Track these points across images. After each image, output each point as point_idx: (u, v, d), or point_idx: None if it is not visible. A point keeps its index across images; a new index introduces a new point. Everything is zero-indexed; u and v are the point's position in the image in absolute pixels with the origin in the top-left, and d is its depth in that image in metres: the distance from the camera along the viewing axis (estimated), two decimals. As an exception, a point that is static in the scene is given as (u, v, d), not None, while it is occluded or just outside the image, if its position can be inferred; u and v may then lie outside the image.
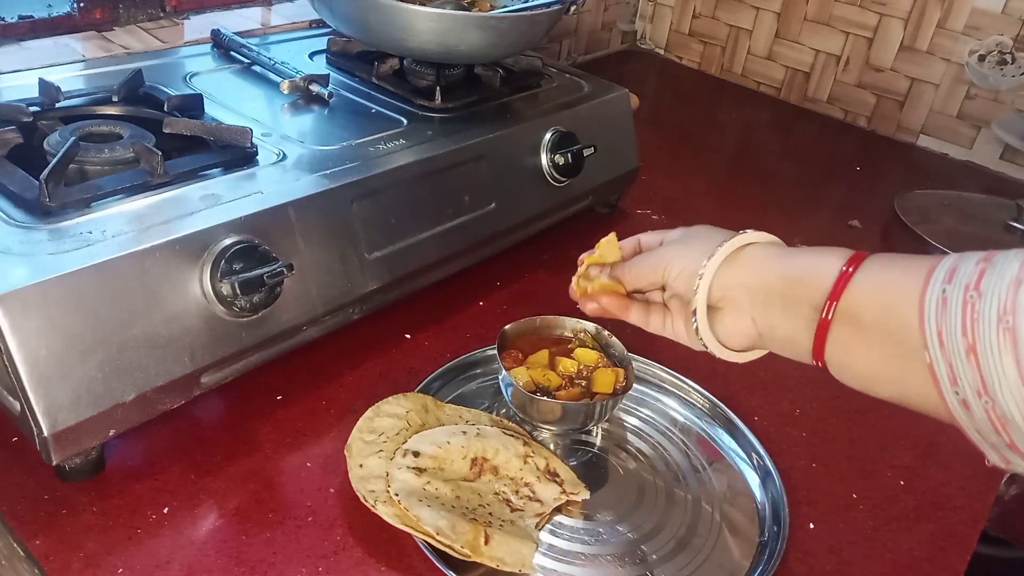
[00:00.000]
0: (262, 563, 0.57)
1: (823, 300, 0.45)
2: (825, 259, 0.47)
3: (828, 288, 0.45)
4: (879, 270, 0.44)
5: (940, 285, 0.40)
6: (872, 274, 0.44)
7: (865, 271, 0.45)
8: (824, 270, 0.46)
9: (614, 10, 1.70)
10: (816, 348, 0.46)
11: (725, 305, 0.52)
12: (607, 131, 1.02)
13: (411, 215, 0.78)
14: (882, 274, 0.44)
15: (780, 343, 0.50)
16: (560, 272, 0.96)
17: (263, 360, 0.68)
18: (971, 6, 1.37)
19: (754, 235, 0.52)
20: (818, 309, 0.45)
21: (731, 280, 0.51)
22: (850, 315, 0.44)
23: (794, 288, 0.48)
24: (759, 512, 0.66)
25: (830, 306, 0.45)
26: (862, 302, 0.44)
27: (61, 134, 0.69)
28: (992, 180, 1.41)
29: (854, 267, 0.45)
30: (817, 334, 0.46)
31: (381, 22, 0.86)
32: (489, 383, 0.76)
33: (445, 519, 0.57)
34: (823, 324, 0.45)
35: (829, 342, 0.46)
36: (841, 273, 0.45)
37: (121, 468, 0.63)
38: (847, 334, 0.45)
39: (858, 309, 0.44)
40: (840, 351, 0.45)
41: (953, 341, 0.39)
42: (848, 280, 0.45)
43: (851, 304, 0.44)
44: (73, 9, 0.98)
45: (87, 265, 0.56)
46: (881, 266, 0.44)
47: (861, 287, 0.44)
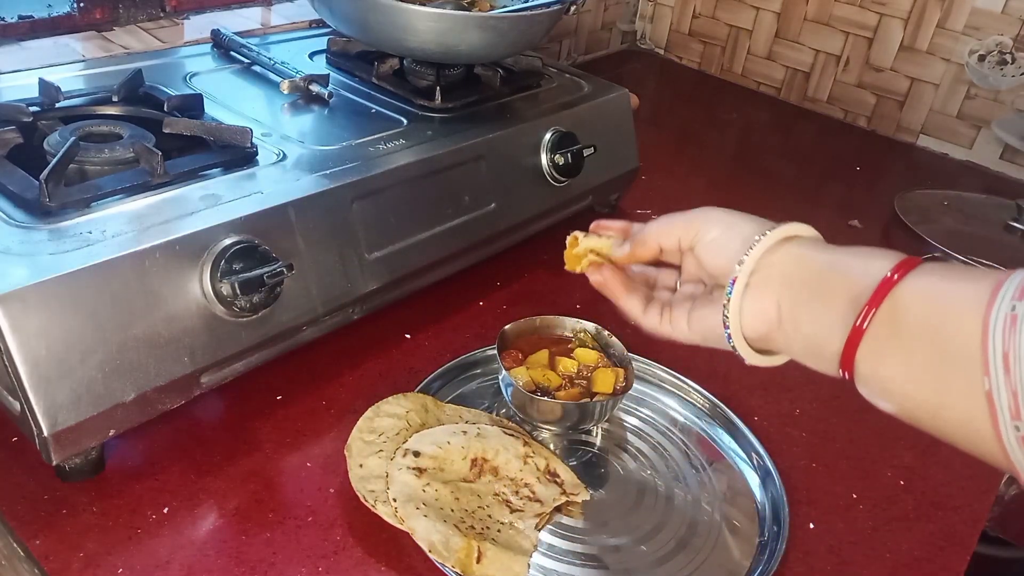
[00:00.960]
0: (262, 563, 0.57)
1: (862, 300, 0.41)
2: (871, 260, 0.42)
3: (869, 291, 0.41)
4: (932, 279, 0.40)
5: (1009, 302, 0.35)
6: (923, 282, 0.40)
7: (915, 278, 0.40)
8: (869, 271, 0.41)
9: (614, 10, 1.70)
10: (846, 353, 0.41)
11: (752, 282, 0.47)
12: (607, 131, 1.02)
13: (411, 215, 0.78)
14: (936, 284, 0.39)
15: (803, 340, 0.45)
16: (560, 272, 0.97)
17: (263, 360, 0.68)
18: (971, 6, 1.37)
19: (800, 227, 0.48)
20: (856, 307, 0.41)
21: (768, 260, 0.46)
22: (892, 323, 0.40)
23: (832, 282, 0.43)
24: (759, 512, 0.66)
25: (868, 312, 0.40)
26: (909, 311, 0.39)
27: (61, 134, 0.69)
28: (992, 180, 1.41)
29: (900, 274, 0.40)
30: (849, 339, 0.41)
31: (381, 22, 0.86)
32: (489, 383, 0.76)
33: (439, 532, 0.56)
34: (856, 331, 0.41)
35: (862, 349, 0.41)
36: (884, 280, 0.40)
37: (121, 468, 0.63)
38: (885, 343, 0.40)
39: (902, 317, 0.39)
40: (873, 360, 0.41)
41: (1022, 367, 0.34)
42: (891, 287, 0.40)
43: (895, 311, 0.40)
44: (73, 9, 0.98)
45: (87, 265, 0.56)
46: (935, 275, 0.40)
47: (910, 294, 0.39)
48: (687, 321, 0.51)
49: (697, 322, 0.51)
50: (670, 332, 0.53)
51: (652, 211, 1.12)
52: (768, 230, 0.47)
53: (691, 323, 0.51)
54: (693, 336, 0.51)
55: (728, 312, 0.47)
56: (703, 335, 0.51)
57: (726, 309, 0.47)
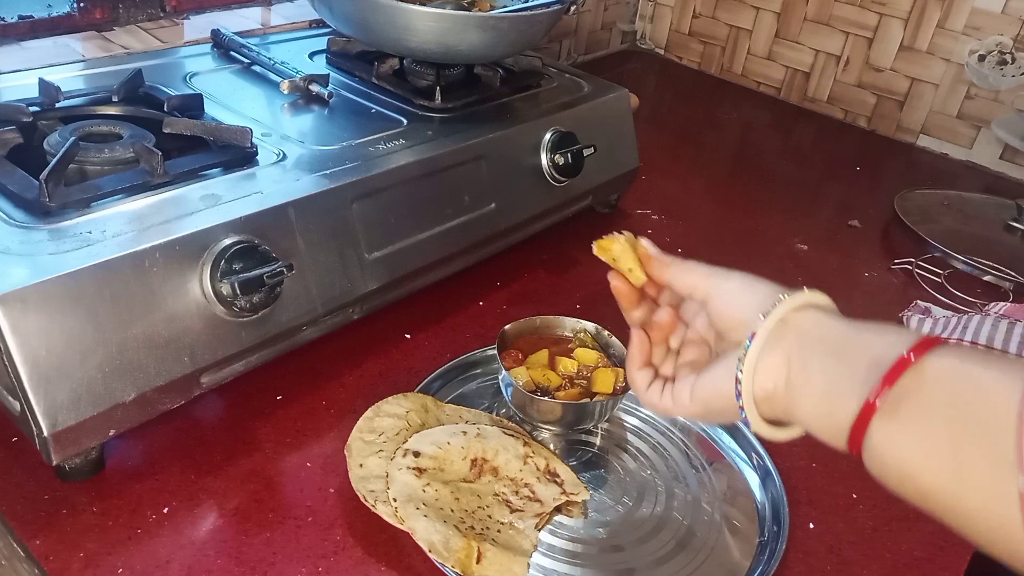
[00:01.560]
0: (262, 563, 0.57)
1: (879, 372, 0.39)
2: (890, 335, 0.40)
3: (887, 364, 0.39)
4: (953, 361, 0.38)
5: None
6: (945, 364, 0.38)
7: (935, 359, 0.38)
8: (890, 343, 0.40)
9: (614, 10, 1.70)
10: (858, 424, 0.39)
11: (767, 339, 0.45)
12: (607, 131, 1.02)
13: (411, 215, 0.78)
14: (958, 367, 0.37)
15: (814, 396, 0.42)
16: (560, 272, 0.97)
17: (263, 360, 0.68)
18: (971, 6, 1.37)
19: (820, 296, 0.46)
20: (874, 372, 0.39)
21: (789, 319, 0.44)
22: (909, 401, 0.38)
23: (851, 344, 0.42)
24: (759, 512, 0.66)
25: (881, 389, 0.38)
26: (930, 392, 0.37)
27: (61, 134, 0.69)
28: (992, 180, 1.41)
29: (917, 355, 0.38)
30: (862, 412, 0.39)
31: (381, 22, 0.86)
32: (489, 383, 0.76)
33: (439, 533, 0.56)
34: (869, 406, 0.39)
35: (875, 423, 0.39)
36: (900, 359, 0.38)
37: (121, 468, 0.63)
38: (900, 422, 0.38)
39: (922, 397, 0.37)
40: (886, 437, 0.38)
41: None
42: (905, 367, 0.38)
43: (913, 390, 0.38)
44: (73, 9, 0.98)
45: (87, 265, 0.56)
46: (956, 357, 0.38)
47: (931, 376, 0.38)
48: (689, 392, 0.49)
49: (703, 389, 0.48)
50: (670, 407, 0.50)
51: (652, 211, 1.13)
52: (787, 293, 0.45)
53: (694, 391, 0.48)
54: (694, 407, 0.49)
55: (743, 366, 0.44)
56: (707, 404, 0.48)
57: (741, 363, 0.44)
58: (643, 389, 0.52)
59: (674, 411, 0.50)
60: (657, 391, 0.51)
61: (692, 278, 0.50)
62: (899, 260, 1.07)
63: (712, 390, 0.47)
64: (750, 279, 0.48)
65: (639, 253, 0.53)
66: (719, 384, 0.46)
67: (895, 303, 0.98)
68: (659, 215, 1.12)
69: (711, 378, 0.47)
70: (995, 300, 0.97)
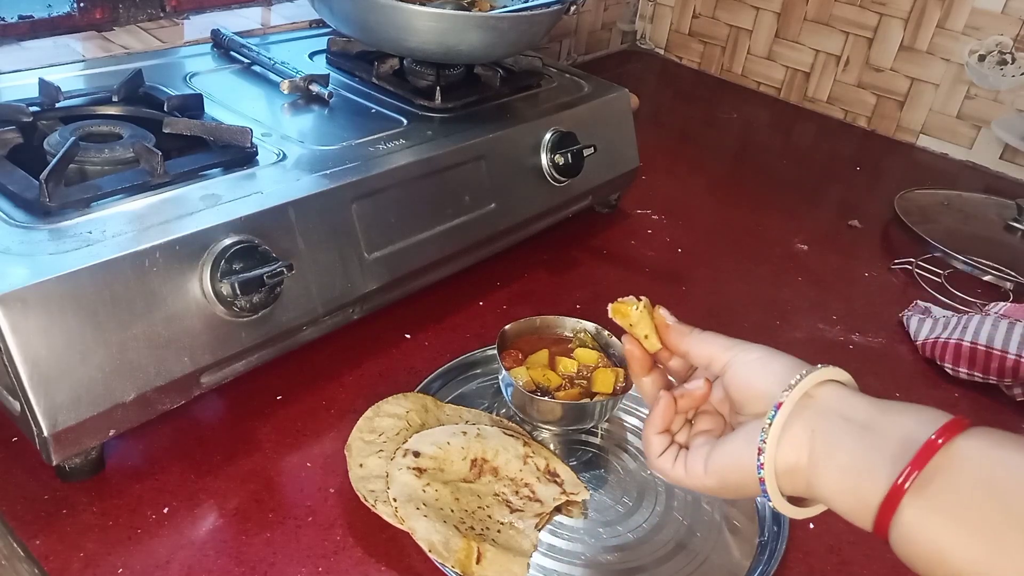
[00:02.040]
0: (262, 563, 0.57)
1: (909, 453, 0.38)
2: (919, 414, 0.40)
3: (917, 445, 0.38)
4: (985, 443, 0.37)
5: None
6: (978, 444, 0.37)
7: (969, 439, 0.38)
8: (916, 425, 0.39)
9: (614, 10, 1.70)
10: (886, 505, 0.38)
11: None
12: (607, 131, 1.02)
13: (411, 215, 0.78)
14: (991, 451, 0.37)
15: (838, 473, 0.41)
16: (560, 272, 0.97)
17: (263, 360, 0.68)
18: (971, 6, 1.37)
19: (842, 373, 0.45)
20: (905, 452, 0.38)
21: (813, 393, 0.44)
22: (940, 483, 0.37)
23: (880, 421, 0.41)
24: (759, 512, 0.66)
25: (910, 473, 0.38)
26: (962, 474, 0.37)
27: (61, 134, 0.69)
28: (992, 180, 1.41)
29: (946, 438, 0.38)
30: (891, 494, 0.38)
31: (381, 22, 0.86)
32: (489, 383, 0.76)
33: (439, 533, 0.56)
34: (897, 488, 0.38)
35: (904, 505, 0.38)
36: (928, 442, 0.38)
37: (121, 468, 0.63)
38: (932, 504, 0.37)
39: (954, 479, 0.37)
40: (917, 519, 0.38)
41: None
42: (935, 450, 0.38)
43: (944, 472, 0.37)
44: (73, 9, 0.98)
45: (87, 265, 0.56)
46: (988, 439, 0.37)
47: (962, 459, 0.37)
48: (704, 463, 0.47)
49: (718, 462, 0.46)
50: (682, 476, 0.49)
51: (652, 211, 1.13)
52: (810, 370, 0.44)
53: (710, 462, 0.47)
54: (708, 480, 0.47)
55: (767, 436, 0.43)
56: (722, 477, 0.46)
57: (765, 433, 0.43)
58: (656, 455, 0.50)
59: (686, 481, 0.49)
60: (670, 459, 0.50)
61: (711, 349, 0.49)
62: (899, 260, 1.07)
63: (730, 462, 0.46)
64: (771, 352, 0.47)
65: (656, 321, 0.52)
66: (737, 456, 0.45)
67: (895, 303, 0.98)
68: (659, 215, 1.12)
69: (729, 450, 0.46)
70: (995, 300, 0.97)
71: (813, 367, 0.44)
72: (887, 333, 0.92)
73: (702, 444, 0.48)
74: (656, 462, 0.50)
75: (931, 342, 0.87)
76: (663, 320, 0.52)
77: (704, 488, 0.48)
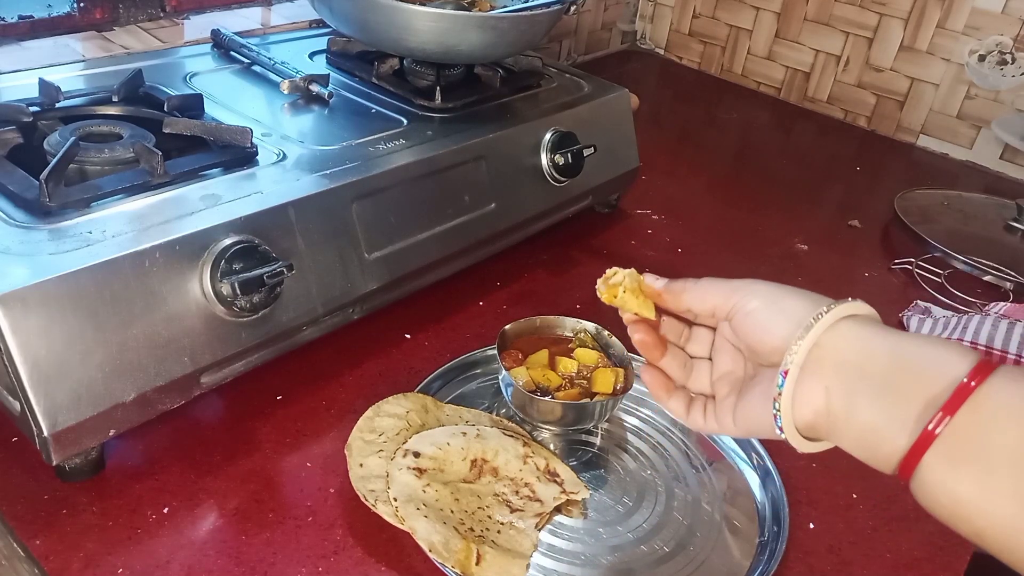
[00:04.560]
0: (262, 563, 0.57)
1: (937, 403, 0.37)
2: (944, 357, 0.38)
3: (945, 393, 0.37)
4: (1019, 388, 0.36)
5: None
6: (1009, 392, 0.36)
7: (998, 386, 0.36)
8: (943, 371, 0.37)
9: (614, 10, 1.70)
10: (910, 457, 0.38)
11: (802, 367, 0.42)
12: (607, 131, 1.02)
13: (411, 215, 0.78)
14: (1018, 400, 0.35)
15: (858, 430, 0.40)
16: (560, 272, 0.97)
17: (263, 360, 0.68)
18: (971, 6, 1.37)
19: (858, 306, 0.43)
20: (929, 408, 0.37)
21: (824, 342, 0.42)
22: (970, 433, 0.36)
23: (902, 372, 0.39)
24: (759, 512, 0.66)
25: (942, 418, 0.36)
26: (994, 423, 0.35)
27: (61, 134, 0.69)
28: (992, 180, 1.42)
29: (978, 381, 0.36)
30: (917, 443, 0.37)
31: (381, 22, 0.86)
32: (489, 383, 0.76)
33: (439, 534, 0.56)
34: (927, 435, 0.37)
35: (929, 456, 0.37)
36: (961, 386, 0.36)
37: (121, 468, 0.63)
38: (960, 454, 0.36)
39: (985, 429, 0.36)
40: (943, 470, 0.37)
41: None
42: (969, 393, 0.36)
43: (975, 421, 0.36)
44: (73, 9, 0.98)
45: (87, 265, 0.56)
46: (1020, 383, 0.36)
47: (995, 406, 0.36)
48: (731, 418, 0.47)
49: (743, 417, 0.46)
50: (717, 429, 0.49)
51: (652, 211, 1.13)
52: (823, 308, 0.42)
53: (736, 419, 0.47)
54: (739, 431, 0.47)
55: (779, 405, 0.42)
56: (749, 429, 0.46)
57: (777, 402, 0.42)
58: (684, 415, 0.50)
59: (721, 432, 0.49)
60: (700, 413, 0.49)
61: (712, 298, 0.47)
62: (899, 260, 1.07)
63: (754, 419, 0.45)
64: (775, 295, 0.45)
65: (646, 290, 0.51)
66: (757, 414, 0.45)
67: (895, 303, 0.98)
68: (659, 215, 1.12)
69: (751, 408, 0.46)
70: (995, 300, 0.97)
71: (816, 318, 0.41)
72: (887, 333, 0.92)
73: (727, 395, 0.48)
74: (689, 421, 0.50)
75: (931, 342, 0.87)
76: (652, 288, 0.50)
77: (739, 435, 0.48)
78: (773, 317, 0.44)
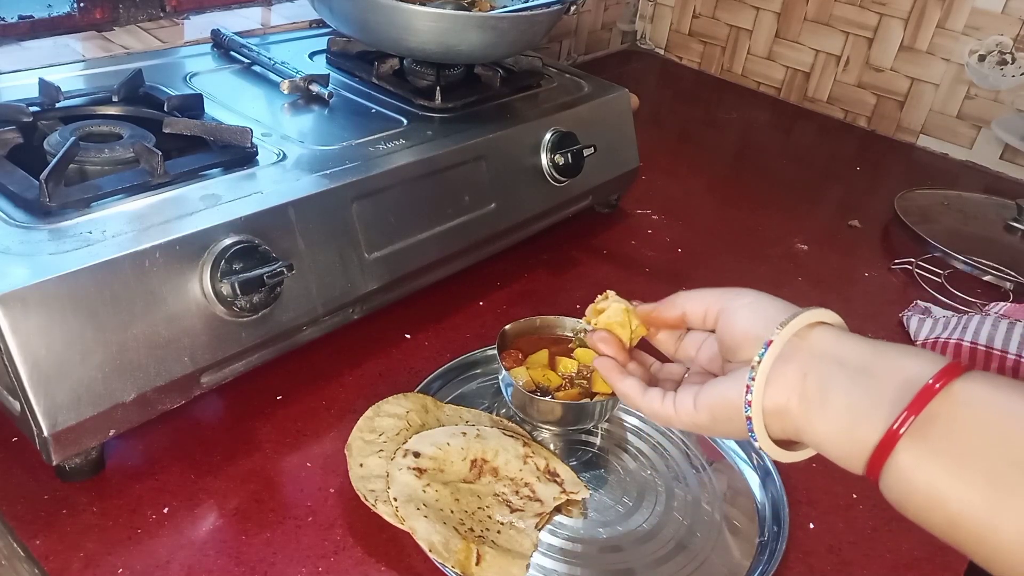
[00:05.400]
0: (262, 563, 0.57)
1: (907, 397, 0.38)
2: (916, 358, 0.40)
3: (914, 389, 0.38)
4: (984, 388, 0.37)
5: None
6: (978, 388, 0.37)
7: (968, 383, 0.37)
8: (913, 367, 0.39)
9: (614, 10, 1.70)
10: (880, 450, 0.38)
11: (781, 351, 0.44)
12: (607, 131, 1.02)
13: (411, 215, 0.78)
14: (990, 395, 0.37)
15: (832, 415, 0.41)
16: (560, 272, 0.97)
17: (263, 360, 0.68)
18: (971, 6, 1.37)
19: (832, 315, 0.45)
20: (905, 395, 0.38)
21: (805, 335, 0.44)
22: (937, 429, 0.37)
23: (877, 364, 0.40)
24: (759, 512, 0.66)
25: (906, 418, 0.37)
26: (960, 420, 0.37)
27: (61, 134, 0.69)
28: (992, 180, 1.41)
29: (943, 383, 0.37)
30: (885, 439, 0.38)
31: (381, 22, 0.86)
32: (489, 383, 0.76)
33: (439, 534, 0.56)
34: (892, 433, 0.38)
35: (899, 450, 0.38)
36: (925, 386, 0.38)
37: (121, 468, 0.63)
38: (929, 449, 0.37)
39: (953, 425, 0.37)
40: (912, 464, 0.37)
41: None
42: (932, 396, 0.37)
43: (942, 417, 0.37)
44: (73, 9, 0.98)
45: (87, 265, 0.56)
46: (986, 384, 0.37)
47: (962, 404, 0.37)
48: (694, 400, 0.47)
49: (708, 397, 0.46)
50: (671, 414, 0.48)
51: (652, 211, 1.13)
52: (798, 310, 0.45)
53: (699, 397, 0.47)
54: (699, 416, 0.47)
55: (755, 373, 0.43)
56: (712, 412, 0.46)
57: (753, 371, 0.43)
58: (639, 395, 0.50)
59: (676, 420, 0.48)
60: (657, 397, 0.49)
61: (705, 300, 0.50)
62: (899, 260, 1.07)
63: (719, 398, 0.45)
64: (762, 296, 0.48)
65: (642, 316, 0.54)
66: (727, 391, 0.45)
67: (895, 303, 0.98)
68: (659, 215, 1.12)
69: (719, 386, 0.46)
70: (995, 300, 0.97)
71: (804, 309, 0.44)
72: (887, 333, 0.92)
73: (692, 384, 0.49)
74: (642, 403, 0.50)
75: (931, 342, 0.87)
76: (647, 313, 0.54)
77: (695, 425, 0.47)
78: (759, 311, 0.46)
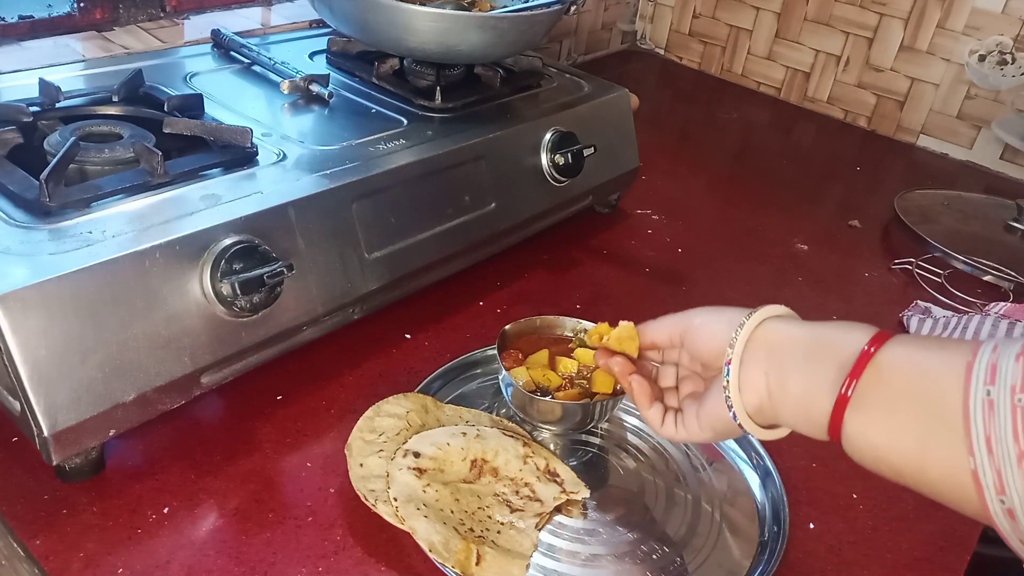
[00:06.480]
0: (262, 563, 0.57)
1: (846, 369, 0.44)
2: (850, 332, 0.46)
3: (851, 360, 0.44)
4: (908, 348, 0.43)
5: (983, 387, 0.39)
6: (900, 352, 0.43)
7: (891, 348, 0.43)
8: (849, 341, 0.45)
9: (614, 10, 1.70)
10: (834, 417, 0.45)
11: (743, 359, 0.50)
12: (607, 131, 1.02)
13: (411, 215, 0.78)
14: (913, 354, 0.43)
15: (793, 400, 0.47)
16: (560, 272, 0.97)
17: (263, 360, 0.68)
18: (971, 6, 1.37)
19: (778, 308, 0.52)
20: (842, 372, 0.44)
21: (752, 337, 0.50)
22: (875, 391, 0.43)
23: (817, 348, 0.47)
24: (759, 512, 0.66)
25: (850, 382, 0.44)
26: (891, 380, 0.43)
27: (61, 134, 0.69)
28: (992, 180, 1.42)
29: (876, 347, 0.44)
30: (836, 404, 0.44)
31: (381, 22, 0.86)
32: (489, 383, 0.76)
33: (439, 534, 0.56)
34: (842, 398, 0.44)
35: (848, 413, 0.44)
36: (862, 352, 0.44)
37: (121, 468, 0.63)
38: (870, 409, 0.43)
39: (885, 385, 0.43)
40: (859, 424, 0.44)
41: (1003, 448, 0.37)
42: (869, 358, 0.43)
43: (877, 380, 0.43)
44: (73, 9, 0.98)
45: (87, 265, 0.56)
46: (910, 345, 0.43)
47: (889, 365, 0.43)
48: (697, 422, 0.54)
49: (706, 416, 0.53)
50: (686, 436, 0.55)
51: (652, 211, 1.13)
52: (751, 311, 0.51)
53: (700, 420, 0.53)
54: (705, 433, 0.54)
55: (729, 392, 0.50)
56: (713, 428, 0.53)
57: (727, 391, 0.50)
58: (659, 424, 0.57)
59: (690, 439, 0.56)
60: (672, 425, 0.56)
61: (667, 329, 0.57)
62: (899, 260, 1.07)
63: (714, 416, 0.52)
64: (713, 310, 0.54)
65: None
66: (717, 409, 0.51)
67: (895, 303, 0.98)
68: (659, 215, 1.12)
69: (709, 405, 0.52)
70: (995, 300, 0.97)
71: (746, 317, 0.50)
72: (887, 333, 0.92)
73: (690, 405, 0.55)
74: (663, 431, 0.57)
75: (931, 342, 0.87)
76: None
77: (706, 440, 0.55)
78: (713, 325, 0.53)
